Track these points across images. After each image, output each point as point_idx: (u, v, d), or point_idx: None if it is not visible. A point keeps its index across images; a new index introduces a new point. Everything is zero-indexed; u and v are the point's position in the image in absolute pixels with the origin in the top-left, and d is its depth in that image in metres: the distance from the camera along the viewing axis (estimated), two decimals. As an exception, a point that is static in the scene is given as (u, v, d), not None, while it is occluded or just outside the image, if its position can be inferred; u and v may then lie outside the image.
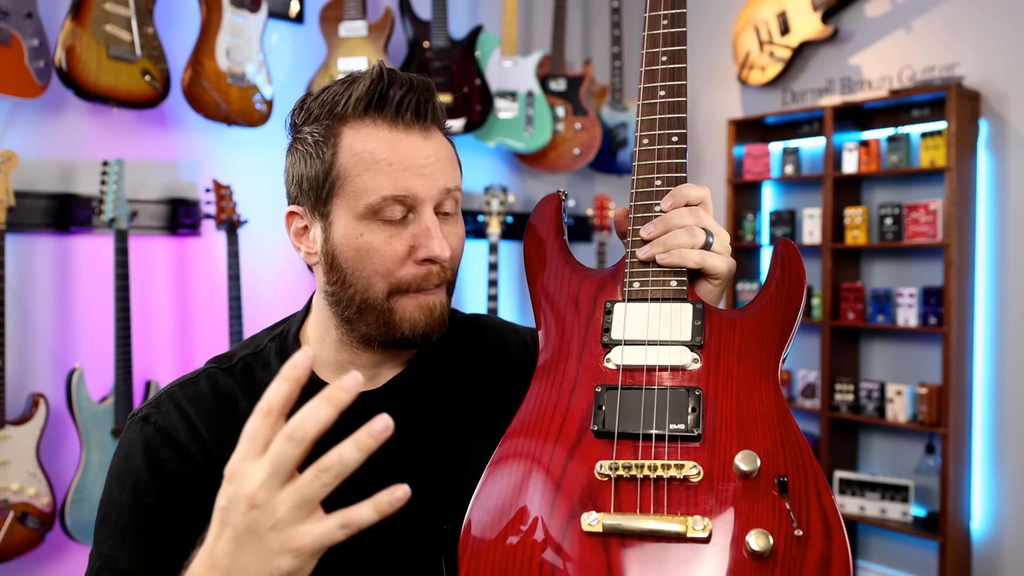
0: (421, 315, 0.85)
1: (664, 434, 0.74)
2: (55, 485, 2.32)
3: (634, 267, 0.85)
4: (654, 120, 0.88)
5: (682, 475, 0.71)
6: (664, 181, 0.86)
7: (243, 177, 2.84)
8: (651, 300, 0.82)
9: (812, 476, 0.70)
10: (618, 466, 0.73)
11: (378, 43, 3.04)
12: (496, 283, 3.33)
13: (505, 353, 1.00)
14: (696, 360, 0.78)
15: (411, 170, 0.82)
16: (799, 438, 0.73)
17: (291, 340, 0.93)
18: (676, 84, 0.88)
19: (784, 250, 0.86)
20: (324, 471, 0.60)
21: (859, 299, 3.22)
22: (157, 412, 0.86)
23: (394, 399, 0.91)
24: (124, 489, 0.83)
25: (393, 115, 0.83)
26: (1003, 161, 2.99)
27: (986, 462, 3.04)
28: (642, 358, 0.79)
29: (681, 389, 0.76)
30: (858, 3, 3.39)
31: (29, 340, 2.44)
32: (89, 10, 2.31)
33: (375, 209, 0.81)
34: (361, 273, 0.83)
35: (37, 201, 2.43)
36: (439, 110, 0.87)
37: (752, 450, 0.71)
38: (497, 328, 1.05)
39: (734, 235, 3.62)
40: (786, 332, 0.80)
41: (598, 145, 3.68)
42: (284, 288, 3.00)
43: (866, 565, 3.35)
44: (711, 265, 0.83)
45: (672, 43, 0.89)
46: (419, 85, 0.85)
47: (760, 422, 0.74)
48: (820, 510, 0.68)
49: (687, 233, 0.82)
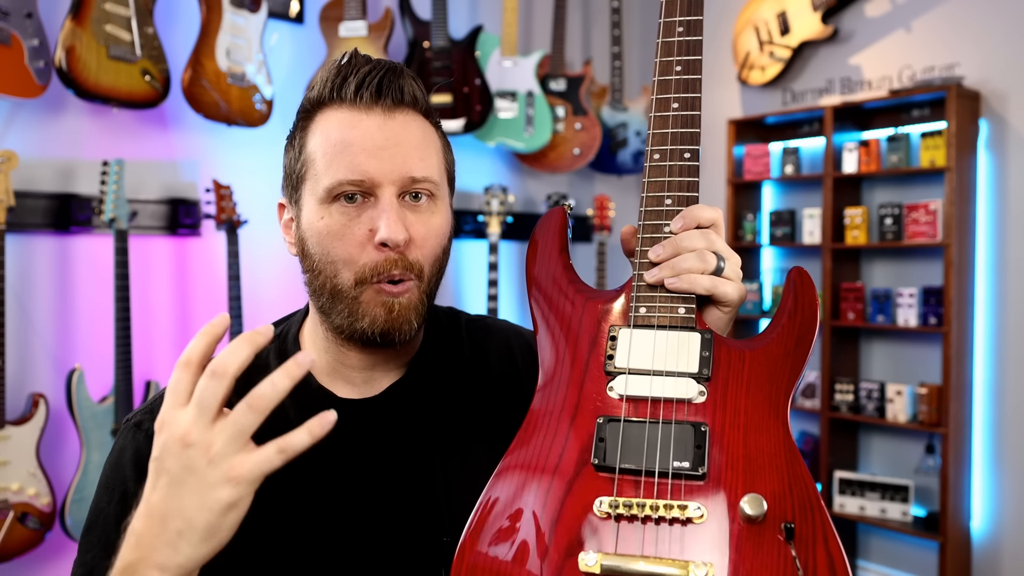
0: (381, 311, 0.81)
1: (667, 471, 0.71)
2: (55, 485, 2.32)
3: (641, 291, 0.81)
4: (666, 134, 0.83)
5: (684, 516, 0.69)
6: (675, 200, 0.82)
7: (243, 177, 2.84)
8: (658, 327, 0.78)
9: (820, 522, 0.67)
10: (618, 504, 0.70)
11: (378, 43, 3.04)
12: (496, 283, 3.33)
13: (510, 359, 0.97)
14: (703, 393, 0.75)
15: (368, 152, 0.80)
16: (807, 480, 0.70)
17: (291, 342, 0.91)
18: (691, 97, 0.83)
19: (797, 279, 0.81)
20: (257, 399, 0.61)
21: (859, 299, 3.22)
22: (150, 419, 0.82)
23: (393, 407, 0.89)
24: (112, 499, 0.82)
25: (353, 96, 0.81)
26: (1003, 161, 3.00)
27: (986, 462, 3.04)
28: (647, 389, 0.76)
29: (686, 424, 0.73)
30: (858, 3, 3.39)
31: (29, 340, 2.44)
32: (89, 10, 2.31)
33: (332, 192, 0.80)
34: (327, 259, 0.81)
35: (37, 201, 2.43)
36: (411, 92, 0.84)
37: (759, 492, 0.68)
38: (503, 332, 1.02)
39: (734, 235, 3.62)
40: (798, 366, 0.76)
41: (598, 145, 3.68)
42: (284, 288, 3.00)
43: (866, 565, 3.35)
44: (722, 292, 0.79)
45: (688, 52, 0.84)
46: (382, 65, 0.83)
47: (768, 462, 0.71)
48: (827, 558, 0.66)
49: (698, 257, 0.78)
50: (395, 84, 0.83)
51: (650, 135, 0.84)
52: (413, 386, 0.90)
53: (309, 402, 0.84)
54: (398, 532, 0.85)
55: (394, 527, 0.85)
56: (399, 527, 0.85)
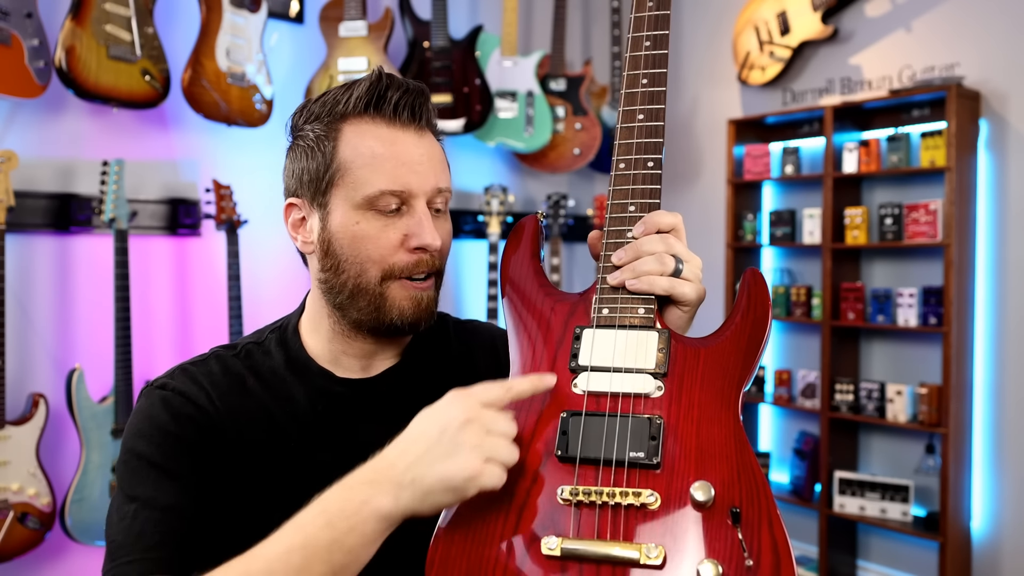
0: (410, 304, 0.90)
1: (624, 461, 0.76)
2: (55, 485, 2.32)
3: (604, 293, 0.86)
4: (631, 144, 0.89)
5: (639, 503, 0.73)
6: (638, 207, 0.87)
7: (243, 177, 2.84)
8: (618, 327, 0.84)
9: (765, 507, 0.72)
10: (579, 492, 0.75)
11: (378, 43, 3.04)
12: (496, 283, 3.33)
13: (494, 355, 1.04)
14: (660, 388, 0.80)
15: (407, 166, 0.88)
16: (755, 468, 0.75)
17: (290, 332, 0.98)
18: (655, 108, 0.89)
19: (751, 279, 0.87)
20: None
21: (859, 299, 3.22)
22: (172, 381, 0.91)
23: (387, 388, 0.96)
24: (151, 441, 0.85)
25: (391, 114, 0.89)
26: (1003, 161, 2.99)
27: (986, 462, 3.04)
28: (607, 385, 0.81)
29: (643, 417, 0.78)
30: (858, 3, 3.39)
31: (29, 340, 2.44)
32: (89, 10, 2.31)
33: (372, 200, 0.87)
34: (355, 259, 0.88)
35: (37, 201, 2.43)
36: (432, 114, 0.93)
37: (708, 480, 0.73)
38: (488, 332, 1.10)
39: (734, 235, 3.62)
40: (749, 361, 0.81)
41: (598, 145, 3.68)
42: (284, 288, 3.00)
43: (866, 565, 3.35)
44: (680, 292, 0.84)
45: (653, 65, 0.90)
46: (415, 89, 0.90)
47: (718, 451, 0.76)
48: (771, 541, 0.71)
49: (656, 260, 0.84)
50: (425, 107, 0.91)
51: (616, 145, 0.90)
52: (407, 371, 0.98)
53: (311, 377, 0.95)
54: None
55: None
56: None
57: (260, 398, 0.92)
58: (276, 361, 0.95)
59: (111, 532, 0.82)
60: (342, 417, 0.93)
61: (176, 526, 0.81)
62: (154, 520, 0.81)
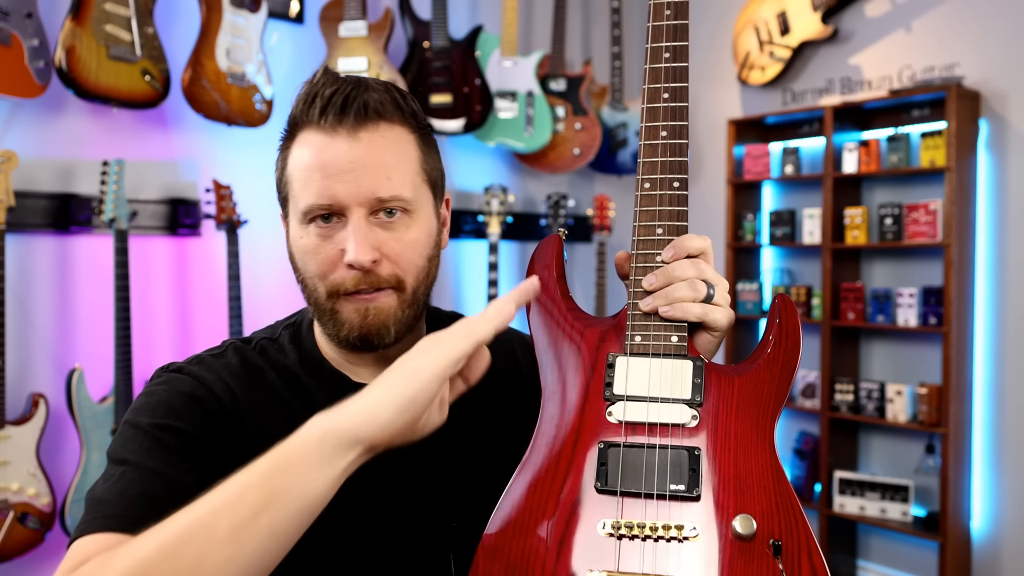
0: (357, 317, 0.85)
1: (665, 494, 0.76)
2: (55, 485, 2.32)
3: (636, 319, 0.85)
4: (656, 163, 0.86)
5: (681, 535, 0.74)
6: (665, 229, 0.85)
7: (243, 177, 2.84)
8: (652, 355, 0.83)
9: (804, 537, 0.74)
10: (620, 525, 0.75)
11: (378, 43, 3.04)
12: (496, 283, 3.33)
13: (514, 361, 1.02)
14: (695, 417, 0.80)
15: (334, 177, 0.82)
16: (793, 499, 0.76)
17: (304, 330, 0.95)
18: (678, 125, 0.86)
19: (782, 307, 0.86)
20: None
21: (859, 299, 3.22)
22: (189, 366, 0.89)
23: None
24: (155, 415, 0.82)
25: (318, 118, 0.83)
26: (1003, 161, 3.00)
27: (986, 462, 3.04)
28: (643, 415, 0.80)
29: (681, 448, 0.78)
30: (858, 3, 3.39)
31: (29, 340, 2.44)
32: (89, 10, 2.31)
33: (307, 214, 0.84)
34: (307, 275, 0.86)
35: (37, 201, 2.43)
36: (377, 104, 0.83)
37: (749, 512, 0.74)
38: (505, 335, 1.05)
39: (734, 235, 3.62)
40: (782, 390, 0.81)
41: (598, 145, 3.68)
42: (284, 288, 3.00)
43: (866, 565, 3.35)
44: (712, 319, 0.83)
45: (674, 79, 0.87)
46: (347, 83, 0.84)
47: (756, 482, 0.76)
48: (811, 570, 0.72)
49: (689, 286, 0.82)
50: (358, 100, 0.82)
51: (641, 163, 0.87)
52: None
53: (327, 380, 0.92)
54: (408, 517, 0.89)
55: (405, 512, 0.89)
56: (409, 512, 0.89)
57: (280, 392, 0.90)
58: (290, 359, 0.93)
59: (93, 492, 0.77)
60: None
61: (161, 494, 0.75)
62: (139, 481, 0.76)
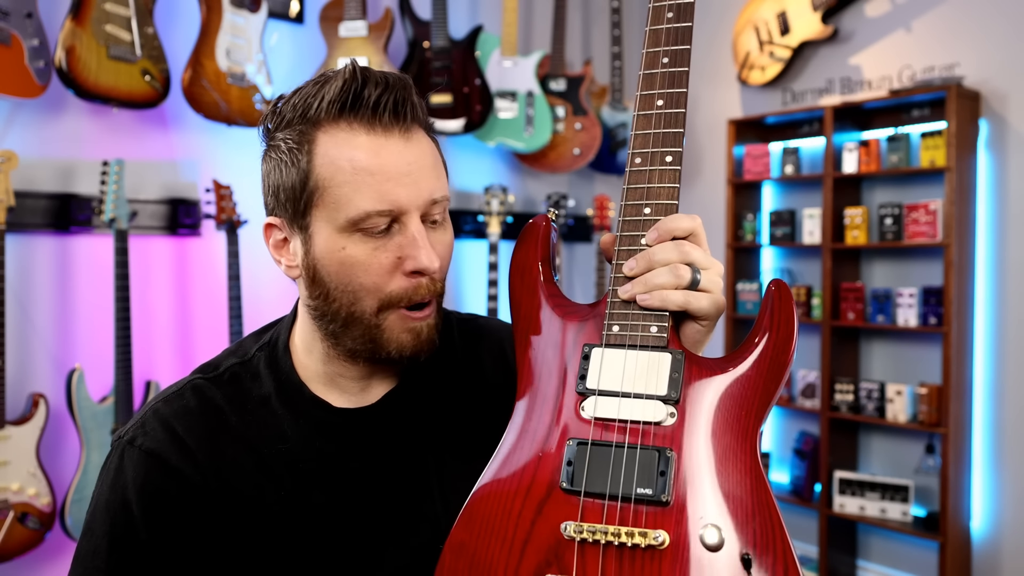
0: (409, 338, 0.81)
1: (631, 497, 0.71)
2: (55, 485, 2.32)
3: (615, 307, 0.78)
4: (648, 136, 0.79)
5: (645, 543, 0.69)
6: (654, 209, 0.78)
7: (243, 177, 2.84)
8: (628, 347, 0.76)
9: (781, 550, 0.67)
10: (583, 529, 0.71)
11: (378, 43, 3.04)
12: (496, 283, 3.33)
13: (503, 360, 0.97)
14: (672, 415, 0.73)
15: (394, 180, 0.76)
16: (771, 508, 0.69)
17: (281, 350, 0.89)
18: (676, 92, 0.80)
19: (776, 294, 0.76)
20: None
21: (859, 299, 3.22)
22: (143, 434, 0.82)
23: (388, 416, 0.88)
24: (114, 523, 0.80)
25: (370, 117, 0.77)
26: (1003, 161, 3.00)
27: (986, 462, 3.04)
28: (615, 411, 0.74)
29: (652, 449, 0.72)
30: (858, 3, 3.39)
31: (29, 340, 2.44)
32: (89, 10, 2.31)
33: (357, 222, 0.77)
34: (347, 287, 0.79)
35: (37, 201, 2.43)
36: (419, 108, 0.80)
37: (722, 520, 0.69)
38: (495, 332, 1.01)
39: (734, 235, 3.62)
40: (770, 389, 0.73)
41: (598, 145, 3.67)
42: (284, 288, 3.00)
43: (866, 565, 3.35)
44: (696, 307, 0.75)
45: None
46: (395, 83, 0.78)
47: (732, 489, 0.70)
48: None
49: (670, 272, 0.75)
50: (410, 101, 0.79)
51: (632, 136, 0.81)
52: (407, 394, 0.90)
53: (305, 407, 0.86)
54: (395, 541, 0.85)
55: (391, 536, 0.85)
56: (396, 536, 0.85)
57: (244, 439, 0.83)
58: (265, 388, 0.86)
59: None
60: (336, 452, 0.85)
61: None
62: None
